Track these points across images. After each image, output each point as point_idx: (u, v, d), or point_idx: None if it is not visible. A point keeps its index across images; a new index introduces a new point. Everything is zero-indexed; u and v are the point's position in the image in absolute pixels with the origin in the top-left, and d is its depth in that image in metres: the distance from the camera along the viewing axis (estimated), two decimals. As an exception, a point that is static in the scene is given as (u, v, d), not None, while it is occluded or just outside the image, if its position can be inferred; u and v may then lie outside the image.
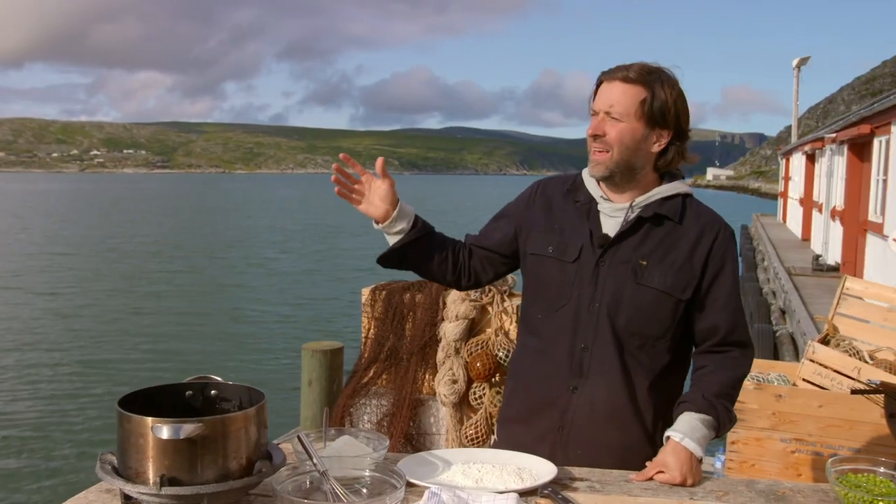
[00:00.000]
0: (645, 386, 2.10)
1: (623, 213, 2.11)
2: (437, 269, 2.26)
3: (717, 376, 2.07)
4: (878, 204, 12.80)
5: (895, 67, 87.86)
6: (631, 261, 2.07)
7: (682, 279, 2.06)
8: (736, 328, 2.11)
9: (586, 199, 2.17)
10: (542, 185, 2.30)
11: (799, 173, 26.27)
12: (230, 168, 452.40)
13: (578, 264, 2.10)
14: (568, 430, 2.10)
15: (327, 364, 4.72)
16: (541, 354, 2.16)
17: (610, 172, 2.08)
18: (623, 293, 2.07)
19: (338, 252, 32.60)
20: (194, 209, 66.90)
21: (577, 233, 2.14)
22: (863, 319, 4.08)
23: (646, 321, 2.07)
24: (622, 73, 2.05)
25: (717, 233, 2.12)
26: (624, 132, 2.05)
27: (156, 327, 16.47)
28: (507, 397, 2.31)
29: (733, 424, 2.06)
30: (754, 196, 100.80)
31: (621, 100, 2.04)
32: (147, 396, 1.66)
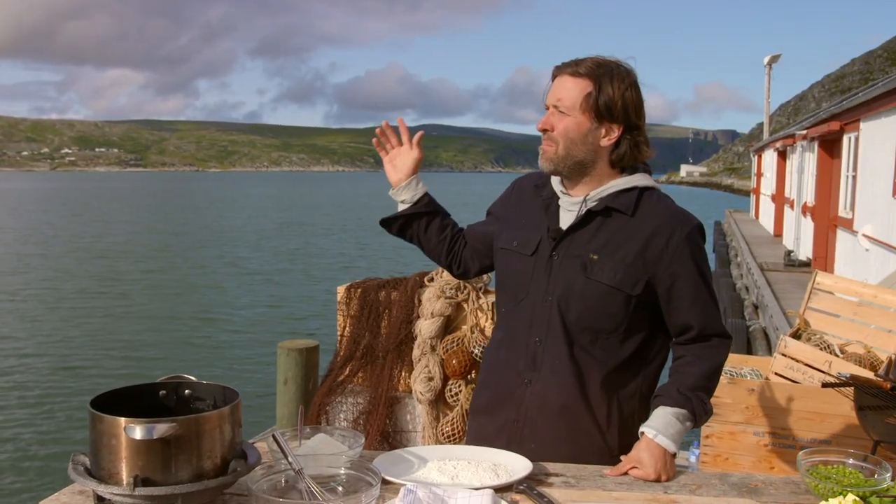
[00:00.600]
0: (597, 381, 2.08)
1: (577, 206, 2.12)
2: (433, 249, 2.40)
3: (694, 367, 2.06)
4: (847, 200, 12.97)
5: (864, 66, 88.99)
6: (582, 255, 2.07)
7: (632, 274, 2.04)
8: (709, 324, 2.09)
9: (549, 194, 2.20)
10: (519, 182, 2.35)
11: (771, 170, 26.54)
12: (204, 166, 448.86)
13: (535, 257, 2.13)
14: (522, 424, 2.11)
15: (303, 362, 4.71)
16: (504, 347, 2.19)
17: (556, 167, 2.10)
18: (573, 287, 2.06)
19: (313, 250, 32.46)
20: (167, 208, 66.32)
21: (536, 227, 2.17)
22: (833, 314, 4.13)
23: (596, 316, 2.06)
24: (572, 67, 2.06)
25: (674, 228, 2.07)
26: (569, 126, 2.05)
27: (129, 328, 16.31)
28: (476, 387, 2.34)
29: (710, 415, 2.05)
30: (727, 192, 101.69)
31: (568, 94, 2.05)
32: (120, 397, 1.65)
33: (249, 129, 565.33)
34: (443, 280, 3.93)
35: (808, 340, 3.98)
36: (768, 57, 33.93)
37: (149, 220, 49.26)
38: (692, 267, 2.06)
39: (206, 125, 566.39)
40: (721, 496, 1.75)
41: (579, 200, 2.11)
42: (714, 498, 1.74)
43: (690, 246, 2.07)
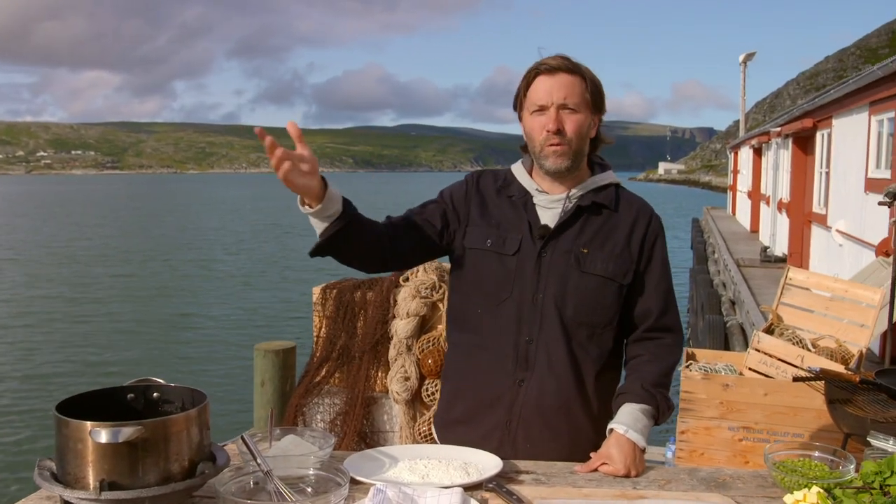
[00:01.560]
0: (592, 375, 2.12)
1: (560, 203, 2.14)
2: (367, 256, 2.08)
3: (653, 366, 2.11)
4: (821, 196, 13.10)
5: (837, 63, 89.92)
6: (572, 250, 2.09)
7: (622, 264, 2.11)
8: (667, 311, 2.17)
9: (520, 193, 2.18)
10: (475, 180, 2.27)
11: (747, 167, 26.74)
12: (182, 168, 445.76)
13: (518, 257, 2.11)
14: (516, 425, 2.10)
15: (279, 364, 4.69)
16: (482, 350, 2.15)
17: (571, 164, 2.10)
18: (568, 282, 2.08)
19: (288, 252, 32.34)
20: (144, 210, 65.77)
21: (514, 226, 2.14)
22: (806, 309, 4.17)
23: (592, 309, 2.09)
24: (562, 64, 2.07)
25: (649, 219, 2.19)
26: (581, 123, 2.09)
27: (103, 333, 16.19)
28: (446, 399, 2.28)
29: (671, 411, 2.11)
30: (705, 189, 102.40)
31: (573, 91, 2.07)
32: (87, 401, 1.64)
33: (227, 130, 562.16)
34: (418, 280, 3.93)
35: (780, 335, 4.02)
36: (743, 55, 34.19)
37: (124, 224, 48.86)
38: (661, 253, 2.18)
39: (184, 126, 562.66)
40: (690, 490, 1.76)
41: (559, 197, 2.14)
42: (683, 493, 1.75)
43: (662, 233, 2.22)
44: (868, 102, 9.70)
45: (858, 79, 9.78)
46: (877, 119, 9.51)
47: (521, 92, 2.13)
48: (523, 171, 2.23)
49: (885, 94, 8.85)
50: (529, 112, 2.11)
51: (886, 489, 1.56)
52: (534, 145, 2.13)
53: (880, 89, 9.00)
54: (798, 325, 4.11)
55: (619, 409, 2.06)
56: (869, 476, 1.60)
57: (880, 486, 1.57)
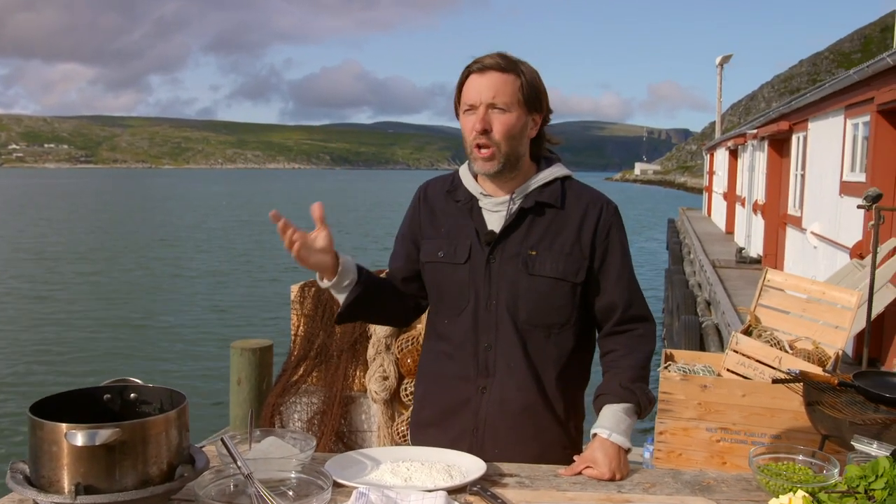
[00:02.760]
0: (553, 376, 2.10)
1: (504, 206, 2.10)
2: (391, 313, 2.24)
3: (628, 360, 2.09)
4: (796, 198, 13.21)
5: (811, 67, 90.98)
6: (520, 253, 2.06)
7: (573, 263, 2.07)
8: (633, 301, 2.13)
9: (466, 197, 2.15)
10: (423, 191, 2.27)
11: (723, 168, 26.94)
12: (157, 163, 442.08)
13: (470, 265, 2.09)
14: (482, 431, 2.09)
15: (256, 362, 4.64)
16: (448, 358, 2.14)
17: (501, 167, 2.05)
18: (518, 287, 2.06)
19: (266, 249, 32.14)
20: (118, 206, 65.08)
21: (463, 233, 2.12)
22: (783, 310, 4.20)
23: (546, 311, 2.07)
24: (494, 62, 2.02)
25: (600, 210, 2.12)
26: (511, 123, 2.03)
27: (77, 331, 15.95)
28: (418, 401, 2.28)
29: (653, 404, 2.09)
30: (680, 190, 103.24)
31: (504, 90, 2.01)
32: (62, 402, 1.60)
33: (203, 125, 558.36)
34: (398, 279, 3.91)
35: (758, 337, 4.04)
36: (720, 57, 34.47)
37: (97, 219, 48.24)
38: (618, 243, 2.13)
39: (159, 121, 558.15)
40: (674, 494, 1.76)
41: (504, 200, 2.10)
42: (667, 496, 1.74)
43: (617, 223, 2.14)
44: (844, 106, 9.79)
45: (834, 83, 9.88)
46: (852, 122, 9.61)
47: (456, 92, 2.09)
48: (469, 176, 2.18)
49: (860, 98, 8.94)
50: (463, 112, 2.07)
51: (871, 493, 1.56)
52: (466, 146, 2.09)
53: (856, 93, 9.09)
54: (775, 327, 4.13)
55: (599, 410, 2.05)
56: (853, 480, 1.60)
57: (865, 491, 1.57)
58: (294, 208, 38.74)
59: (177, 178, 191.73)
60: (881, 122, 8.29)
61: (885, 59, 7.35)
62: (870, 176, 8.41)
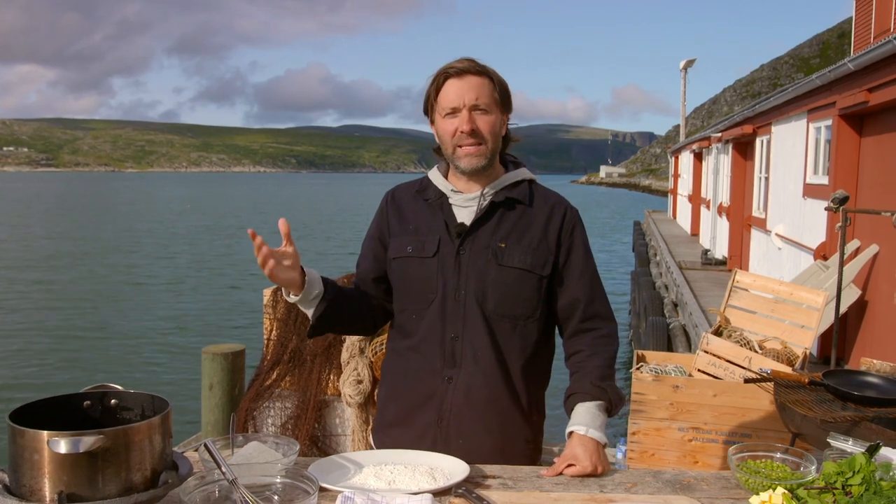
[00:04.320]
0: (518, 368, 2.16)
1: (475, 202, 2.18)
2: (358, 321, 2.27)
3: (595, 360, 2.15)
4: (760, 200, 13.41)
5: (772, 71, 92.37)
6: (490, 245, 2.14)
7: (540, 256, 2.15)
8: (595, 298, 2.21)
9: (436, 195, 2.23)
10: (391, 194, 2.34)
11: (687, 171, 27.24)
12: (120, 167, 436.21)
13: (439, 257, 2.15)
14: (447, 422, 2.12)
15: (228, 367, 4.60)
16: (414, 352, 2.18)
17: (487, 162, 2.15)
18: (487, 277, 2.12)
19: (237, 253, 31.86)
20: (83, 210, 64.08)
21: (432, 228, 2.19)
22: (752, 311, 4.26)
23: (513, 302, 2.13)
24: (470, 66, 2.13)
25: (564, 211, 2.23)
26: (493, 122, 2.15)
27: (46, 338, 15.68)
28: (382, 403, 2.31)
29: (623, 401, 2.15)
30: (646, 193, 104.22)
31: (483, 92, 2.12)
32: (41, 409, 1.57)
33: (167, 128, 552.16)
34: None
35: (728, 337, 4.09)
36: (684, 61, 34.85)
37: (61, 224, 47.46)
38: (581, 242, 2.22)
39: (122, 124, 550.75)
40: (656, 493, 1.78)
41: (474, 195, 2.19)
42: (649, 496, 1.76)
43: (580, 224, 2.26)
44: (806, 110, 9.96)
45: (797, 87, 10.04)
46: (815, 126, 9.78)
47: (431, 96, 2.16)
48: (439, 175, 2.26)
49: (822, 103, 9.10)
50: (442, 115, 2.15)
51: (848, 489, 1.59)
52: (447, 148, 2.17)
53: (818, 98, 9.25)
54: (744, 327, 4.19)
55: (572, 409, 2.10)
56: (831, 476, 1.63)
57: (842, 487, 1.60)
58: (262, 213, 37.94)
59: (142, 182, 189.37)
60: (843, 126, 8.45)
61: (846, 65, 7.50)
62: (832, 179, 8.56)
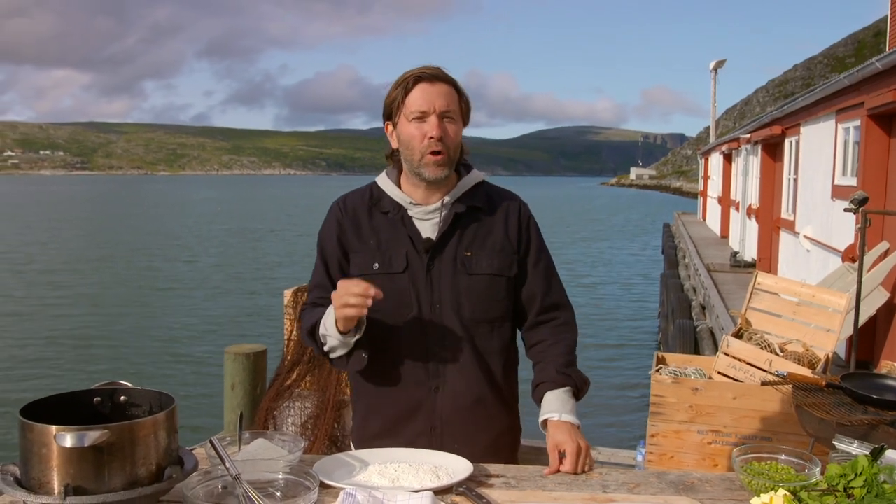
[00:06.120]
0: (500, 367, 2.21)
1: (436, 214, 2.18)
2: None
3: (557, 348, 2.21)
4: (789, 202, 13.26)
5: (805, 71, 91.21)
6: (457, 256, 2.15)
7: (506, 259, 2.19)
8: (551, 289, 2.26)
9: (394, 207, 2.19)
10: (340, 207, 2.27)
11: (717, 173, 27.01)
12: (153, 169, 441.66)
13: (409, 273, 2.15)
14: (441, 429, 2.15)
15: (250, 367, 4.65)
16: (394, 366, 2.17)
17: (449, 172, 2.16)
18: (459, 287, 2.14)
19: (259, 255, 32.13)
20: (114, 212, 64.97)
21: (396, 243, 2.17)
22: (774, 313, 4.22)
23: (488, 307, 2.17)
24: (441, 73, 2.13)
25: (519, 208, 2.27)
26: (458, 132, 2.16)
27: (71, 336, 15.95)
28: (360, 417, 2.28)
29: (588, 385, 2.20)
30: (676, 195, 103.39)
31: (452, 99, 2.13)
32: (52, 405, 1.61)
33: (199, 131, 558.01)
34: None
35: (749, 340, 4.06)
36: (714, 62, 34.55)
37: (92, 226, 48.14)
38: (536, 236, 2.27)
39: (154, 127, 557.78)
40: (658, 494, 1.78)
41: (434, 207, 2.18)
42: (651, 496, 1.76)
43: (532, 218, 2.31)
44: (835, 110, 9.84)
45: (825, 87, 9.93)
46: (843, 127, 9.66)
47: (398, 99, 2.12)
48: (391, 184, 2.22)
49: (851, 103, 8.99)
50: (408, 119, 2.11)
51: (850, 491, 1.58)
52: (412, 153, 2.12)
53: (846, 98, 9.14)
54: (766, 330, 4.15)
55: (542, 398, 2.15)
56: (833, 479, 1.62)
57: (844, 489, 1.59)
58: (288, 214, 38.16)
59: (173, 185, 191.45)
60: (871, 127, 8.34)
61: (874, 64, 7.40)
62: (861, 180, 8.45)
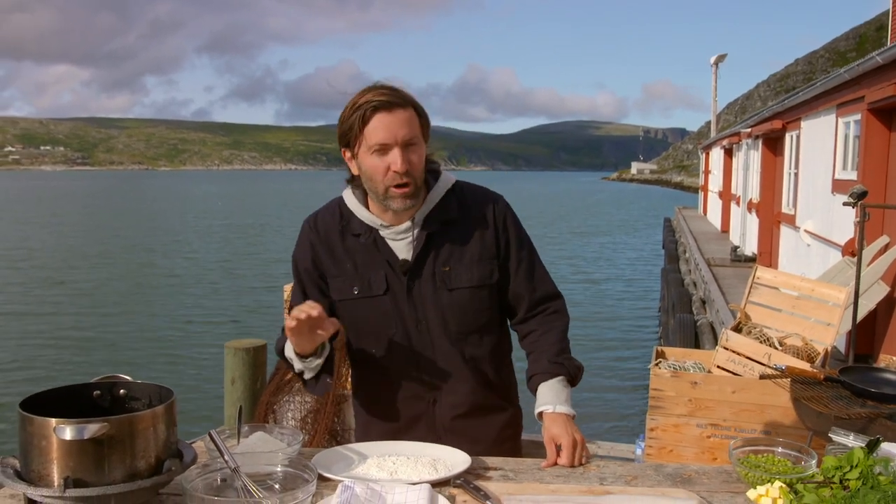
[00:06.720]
0: (493, 368, 2.22)
1: (409, 234, 2.13)
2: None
3: (548, 337, 2.20)
4: (790, 196, 13.25)
5: (807, 65, 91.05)
6: (435, 273, 2.12)
7: (485, 268, 2.16)
8: (537, 286, 2.23)
9: (365, 230, 2.15)
10: (311, 229, 2.23)
11: (718, 167, 26.99)
12: (154, 165, 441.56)
13: (390, 294, 2.13)
14: (444, 438, 2.15)
15: (250, 362, 4.67)
16: (388, 383, 2.19)
17: (417, 198, 2.09)
18: (442, 303, 2.13)
19: (260, 249, 32.14)
20: (115, 207, 64.99)
21: (372, 265, 2.14)
22: (773, 307, 4.23)
23: (473, 317, 2.16)
24: (397, 98, 2.01)
25: (492, 207, 2.20)
26: (422, 156, 2.07)
27: (72, 330, 15.97)
28: (361, 429, 2.33)
29: (582, 371, 2.19)
30: (677, 189, 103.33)
31: (412, 124, 2.02)
32: (52, 398, 1.62)
33: (200, 126, 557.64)
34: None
35: (748, 334, 4.07)
36: (715, 56, 34.51)
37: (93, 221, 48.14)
38: (515, 231, 2.21)
39: (155, 123, 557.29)
40: (656, 486, 1.79)
41: (406, 227, 2.12)
42: (648, 488, 1.77)
43: (510, 214, 2.23)
44: (835, 105, 9.83)
45: (826, 81, 9.92)
46: (843, 121, 9.65)
47: (356, 128, 2.01)
48: (359, 206, 2.16)
49: (851, 97, 8.98)
50: (369, 151, 2.01)
51: (846, 483, 1.59)
52: (376, 186, 2.05)
53: (847, 92, 9.13)
54: (766, 324, 4.16)
55: (536, 390, 2.15)
56: (829, 471, 1.63)
57: (840, 481, 1.60)
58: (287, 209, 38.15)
59: (174, 180, 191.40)
60: (872, 121, 8.33)
61: (875, 58, 7.39)
62: (861, 174, 8.45)
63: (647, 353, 10.79)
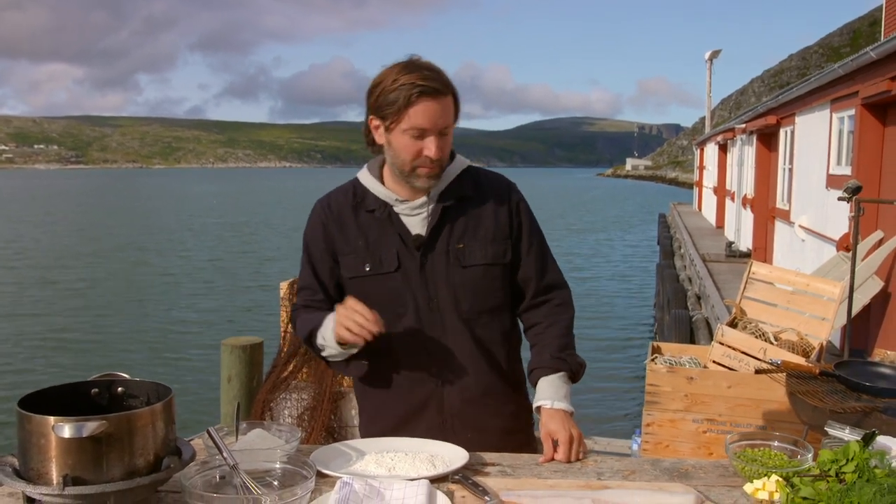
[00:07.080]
0: (504, 352, 2.21)
1: (424, 208, 2.14)
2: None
3: (552, 330, 2.20)
4: (784, 192, 13.28)
5: (801, 61, 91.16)
6: (449, 250, 2.12)
7: (499, 247, 2.16)
8: (546, 271, 2.24)
9: (380, 205, 2.15)
10: (324, 207, 2.23)
11: (712, 163, 27.01)
12: (148, 163, 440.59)
13: (402, 272, 2.12)
14: (452, 422, 2.15)
15: (247, 359, 4.67)
16: (397, 367, 2.17)
17: (437, 181, 2.12)
18: (455, 281, 2.12)
19: (256, 247, 32.11)
20: (109, 206, 64.83)
21: (385, 242, 2.14)
22: (768, 302, 4.24)
23: (485, 297, 2.16)
24: (443, 85, 2.02)
25: (508, 191, 2.22)
26: (450, 143, 2.10)
27: (69, 328, 15.96)
28: (368, 416, 2.28)
29: (584, 367, 2.19)
30: (672, 185, 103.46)
31: (449, 113, 2.05)
32: (50, 396, 1.62)
33: (194, 124, 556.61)
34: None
35: (744, 329, 4.08)
36: (709, 52, 34.54)
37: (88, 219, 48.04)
38: (527, 217, 2.23)
39: (149, 121, 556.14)
40: (653, 480, 1.79)
41: (422, 202, 2.13)
42: (646, 482, 1.78)
43: (523, 200, 2.26)
44: (829, 100, 9.85)
45: (820, 77, 9.94)
46: (838, 116, 9.67)
47: (399, 106, 1.98)
48: (374, 181, 2.18)
49: (845, 92, 9.00)
50: (403, 130, 2.01)
51: (842, 476, 1.60)
52: (402, 164, 2.06)
53: (841, 87, 9.15)
54: (761, 319, 4.17)
55: (536, 384, 2.15)
56: (826, 464, 1.64)
57: (836, 474, 1.61)
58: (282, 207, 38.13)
59: (168, 178, 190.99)
60: (866, 116, 8.35)
61: (868, 54, 7.41)
62: (855, 169, 8.47)
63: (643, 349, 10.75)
